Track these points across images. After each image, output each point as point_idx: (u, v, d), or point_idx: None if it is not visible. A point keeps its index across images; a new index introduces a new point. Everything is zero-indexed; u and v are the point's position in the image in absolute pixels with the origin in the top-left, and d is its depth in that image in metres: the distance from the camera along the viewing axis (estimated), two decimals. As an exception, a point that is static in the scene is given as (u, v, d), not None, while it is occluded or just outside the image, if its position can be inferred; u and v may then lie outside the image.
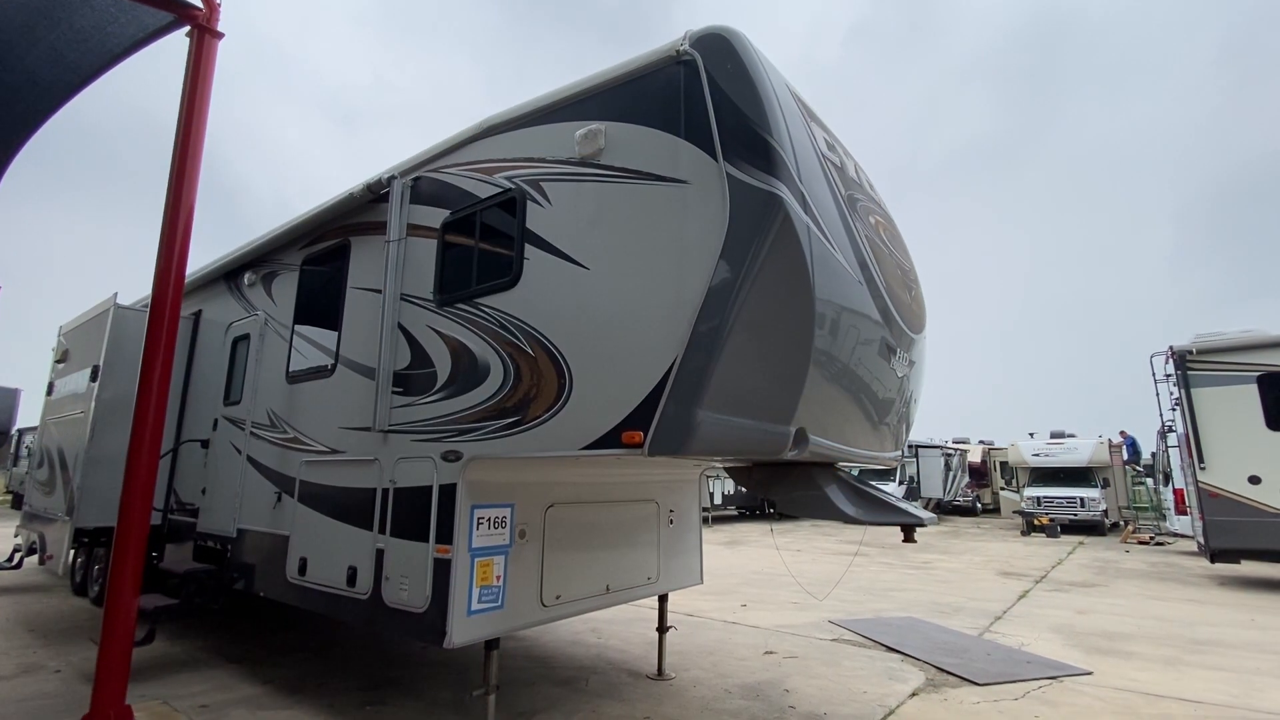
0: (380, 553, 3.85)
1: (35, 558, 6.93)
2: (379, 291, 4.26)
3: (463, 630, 3.37)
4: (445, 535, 3.49)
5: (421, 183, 4.30)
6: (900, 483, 21.58)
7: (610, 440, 2.88)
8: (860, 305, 3.03)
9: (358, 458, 4.23)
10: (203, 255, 4.52)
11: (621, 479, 4.65)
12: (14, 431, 17.01)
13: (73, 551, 6.33)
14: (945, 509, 25.25)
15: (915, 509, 3.34)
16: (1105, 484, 20.09)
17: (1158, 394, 11.78)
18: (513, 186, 3.64)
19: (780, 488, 3.46)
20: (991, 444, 30.04)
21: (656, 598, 5.12)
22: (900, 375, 3.61)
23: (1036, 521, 18.41)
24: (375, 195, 4.54)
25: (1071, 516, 18.79)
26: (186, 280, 6.87)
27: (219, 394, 5.95)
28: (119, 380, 6.00)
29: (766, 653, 5.79)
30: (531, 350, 3.32)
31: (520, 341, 3.39)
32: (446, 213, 4.06)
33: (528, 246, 3.47)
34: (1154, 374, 11.72)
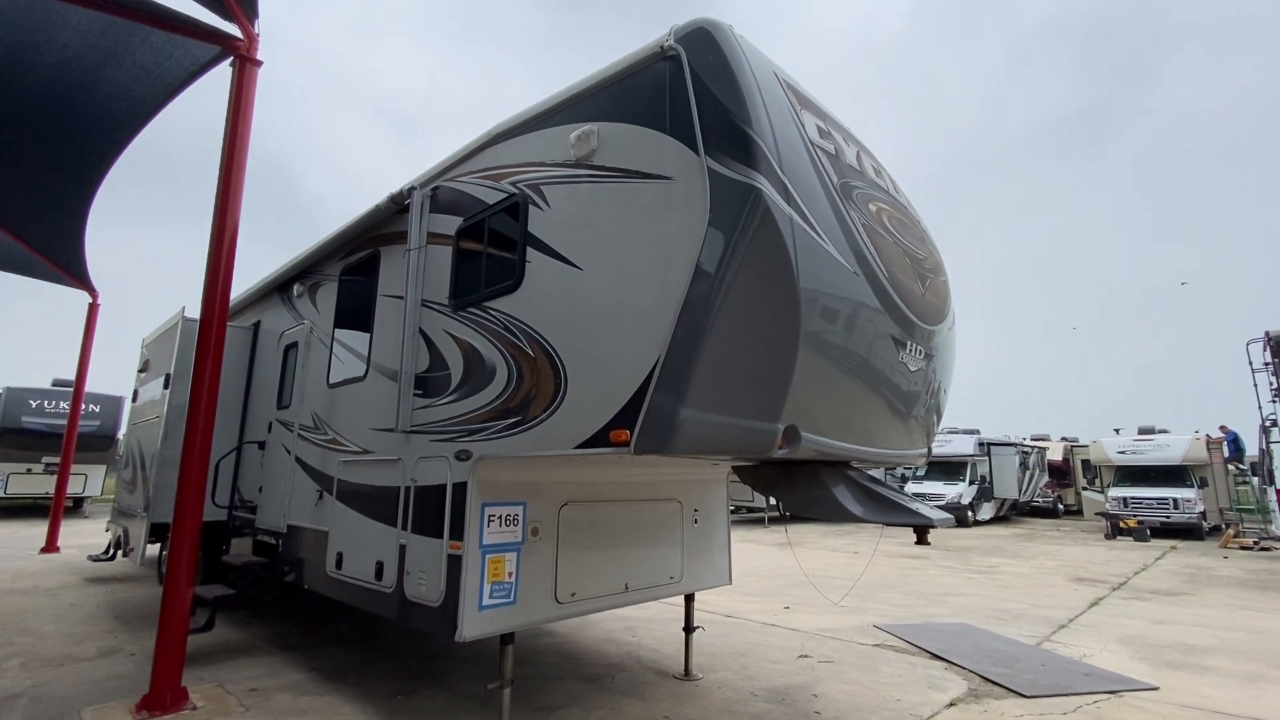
0: (403, 548, 4.01)
1: (121, 550, 7.59)
2: (403, 298, 4.44)
3: (473, 625, 3.46)
4: (458, 532, 3.59)
5: (439, 192, 4.45)
6: (971, 482, 20.55)
7: (600, 439, 2.89)
8: (856, 296, 2.92)
9: (385, 457, 4.42)
10: (271, 262, 4.86)
11: (641, 478, 4.65)
12: (119, 436, 18.66)
13: (155, 545, 6.88)
14: (1023, 510, 23.85)
15: (926, 509, 3.18)
16: (1203, 484, 18.45)
17: (1255, 384, 10.80)
18: (516, 191, 3.71)
19: (787, 488, 3.37)
20: (1075, 441, 28.18)
21: (684, 598, 5.10)
22: (915, 369, 3.45)
23: (1122, 524, 17.12)
24: (399, 206, 4.74)
25: (1163, 519, 17.38)
26: (248, 293, 7.40)
27: (273, 398, 6.34)
28: (187, 387, 6.48)
29: (801, 656, 5.66)
30: (532, 351, 3.38)
31: (522, 343, 3.46)
32: (460, 220, 4.18)
33: (529, 249, 3.53)
34: (1250, 362, 10.75)
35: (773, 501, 19.85)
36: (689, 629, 5.14)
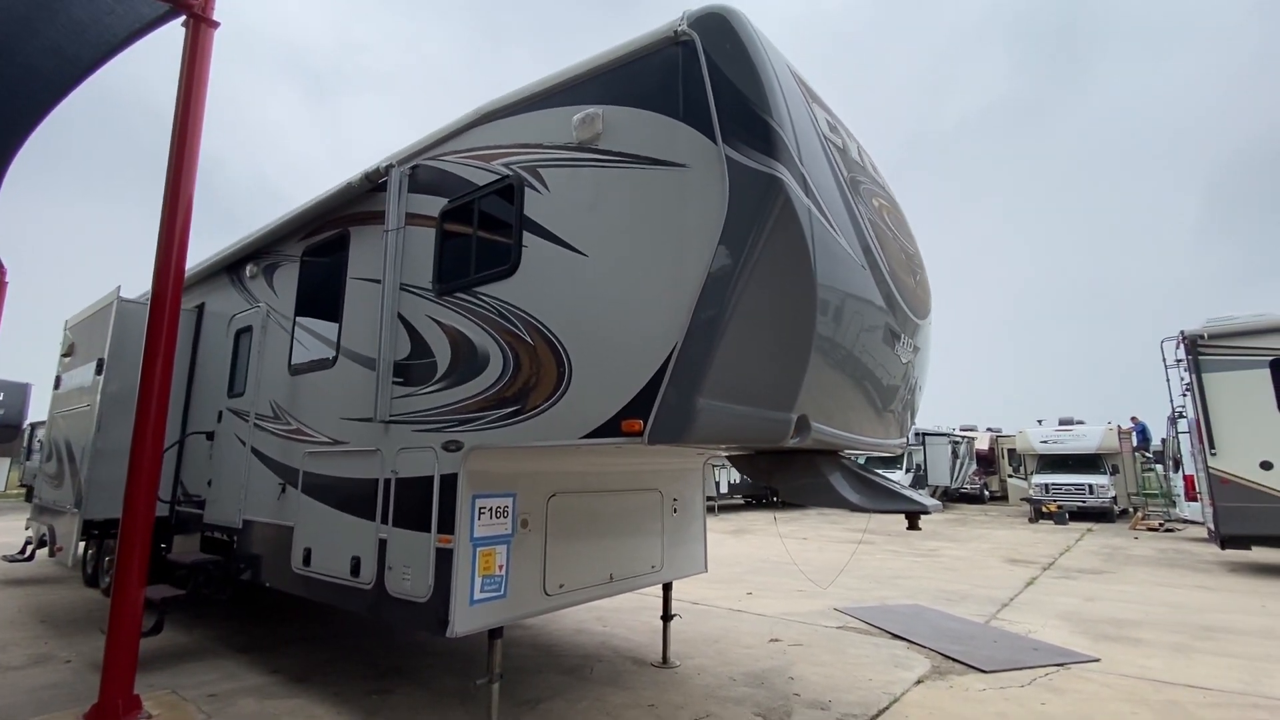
0: (383, 543, 3.85)
1: (46, 550, 6.99)
2: (379, 282, 4.24)
3: (465, 620, 3.37)
4: (447, 525, 3.48)
5: (419, 171, 4.27)
6: (907, 470, 21.54)
7: (610, 429, 2.85)
8: (864, 290, 2.98)
9: (360, 448, 4.22)
10: (191, 240, 4.50)
11: (624, 468, 4.63)
12: (25, 426, 17.17)
13: (83, 543, 6.38)
14: (953, 496, 25.19)
15: (920, 496, 3.30)
16: (1114, 471, 19.98)
17: (1168, 379, 11.67)
18: (510, 173, 3.59)
19: (784, 476, 3.43)
20: (999, 431, 29.93)
21: (660, 586, 5.12)
22: (905, 361, 3.56)
23: (1044, 509, 18.32)
24: (374, 185, 4.51)
25: (1080, 504, 18.70)
26: (189, 273, 6.90)
27: (223, 386, 5.96)
28: (124, 373, 6.01)
29: (771, 640, 5.79)
30: (531, 339, 3.30)
31: (519, 330, 3.36)
32: (445, 201, 4.02)
33: (526, 234, 3.43)
34: (1164, 359, 11.62)
35: (723, 489, 20.23)
36: (666, 617, 5.17)
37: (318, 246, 5.14)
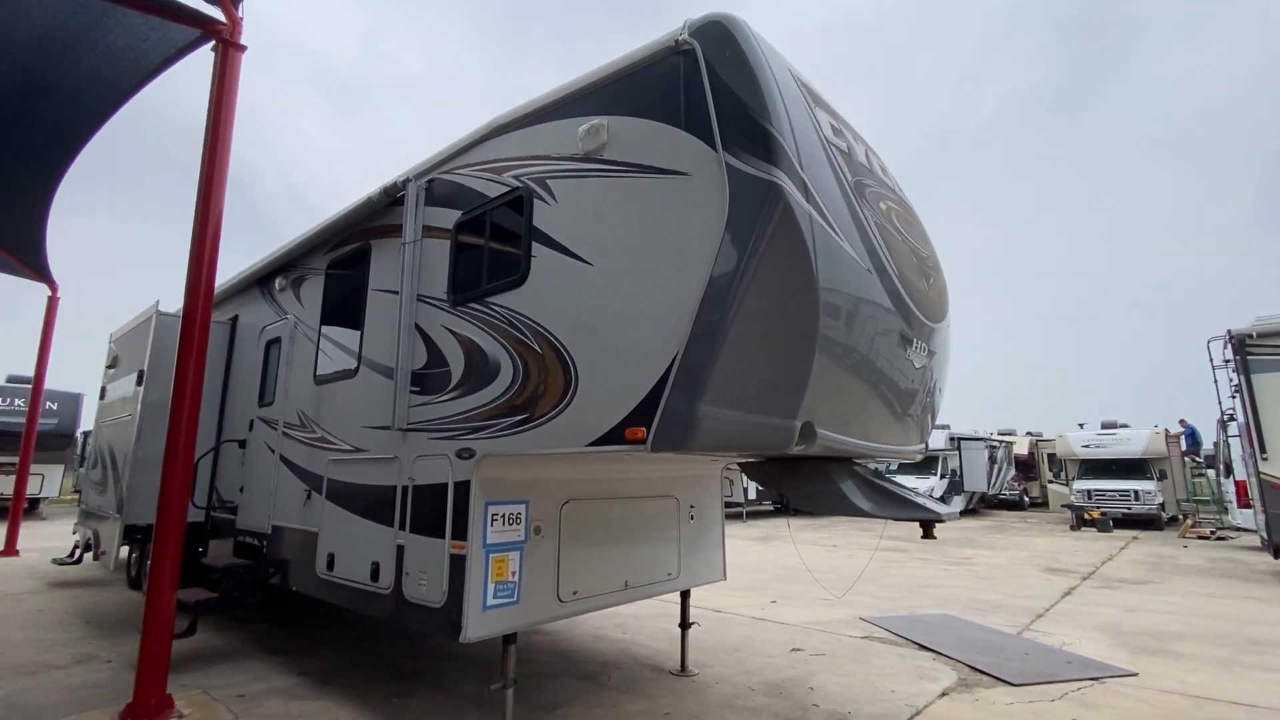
0: (401, 548, 3.93)
1: (91, 554, 7.31)
2: (397, 293, 4.34)
3: (478, 625, 3.41)
4: (460, 531, 3.53)
5: (435, 184, 4.36)
6: (942, 476, 21.04)
7: (614, 437, 2.87)
8: (870, 294, 2.95)
9: (379, 456, 4.32)
10: (226, 253, 4.67)
11: (639, 475, 4.63)
12: (78, 434, 17.96)
13: (126, 548, 6.64)
14: (990, 503, 24.51)
15: (933, 503, 3.23)
16: (1162, 476, 19.18)
17: (1215, 381, 11.20)
18: (520, 185, 3.65)
19: (794, 483, 3.40)
20: (1039, 435, 29.03)
21: (679, 594, 5.10)
22: (919, 365, 3.50)
23: (1087, 515, 17.70)
24: (392, 199, 4.63)
25: (1125, 510, 18.01)
26: (224, 287, 7.17)
27: (254, 396, 6.16)
28: (162, 384, 6.25)
29: (793, 650, 5.71)
30: (539, 348, 3.34)
31: (528, 339, 3.41)
32: (459, 213, 4.10)
33: (535, 244, 3.48)
34: (1211, 359, 11.15)
35: (750, 496, 20.04)
36: (685, 625, 5.15)
37: (341, 259, 5.29)
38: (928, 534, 3.31)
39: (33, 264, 10.78)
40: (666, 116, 2.97)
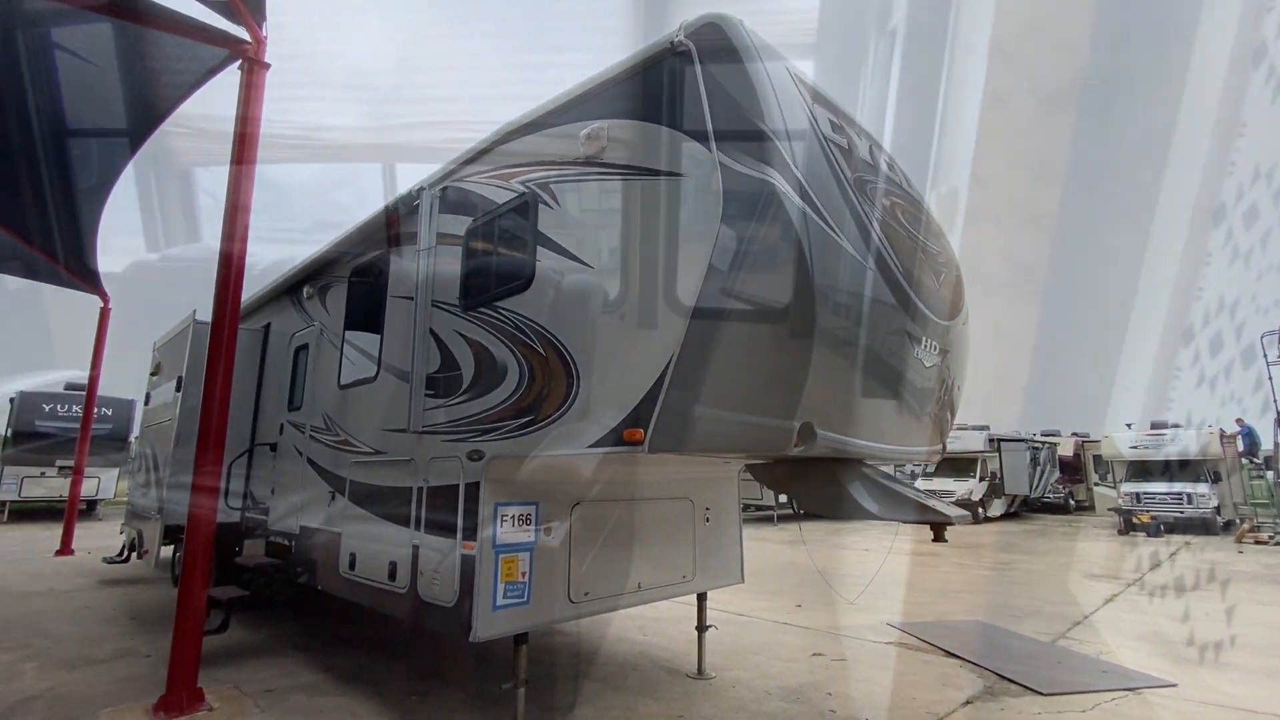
0: (416, 549, 4.02)
1: (135, 553, 7.64)
2: (414, 299, 4.44)
3: (488, 625, 3.46)
4: (471, 532, 3.59)
5: (449, 192, 4.45)
6: (981, 479, 20.43)
7: (613, 439, 2.88)
8: (872, 292, 2.89)
9: (396, 458, 4.42)
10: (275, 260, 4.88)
11: (652, 477, 4.63)
12: (131, 439, 18.80)
13: (169, 547, 6.92)
14: (1034, 506, 23.69)
15: (942, 506, 3.16)
16: (1217, 478, 18.27)
17: (1270, 377, 10.67)
18: (526, 191, 3.70)
19: (800, 485, 3.36)
20: (1086, 436, 27.96)
21: (696, 597, 5.08)
22: (929, 365, 3.42)
23: (1135, 519, 16.97)
24: (409, 207, 4.74)
25: (1177, 514, 17.20)
26: (257, 296, 7.42)
27: (284, 401, 6.36)
28: (199, 390, 6.52)
29: (814, 655, 5.63)
30: (544, 351, 3.37)
31: (534, 342, 3.45)
32: (470, 220, 4.18)
33: (539, 249, 3.52)
34: (1265, 355, 10.63)
35: (782, 499, 19.80)
36: (701, 628, 5.12)
37: (363, 267, 5.43)
38: (939, 537, 3.23)
39: (86, 277, 11.34)
40: (663, 118, 2.98)
